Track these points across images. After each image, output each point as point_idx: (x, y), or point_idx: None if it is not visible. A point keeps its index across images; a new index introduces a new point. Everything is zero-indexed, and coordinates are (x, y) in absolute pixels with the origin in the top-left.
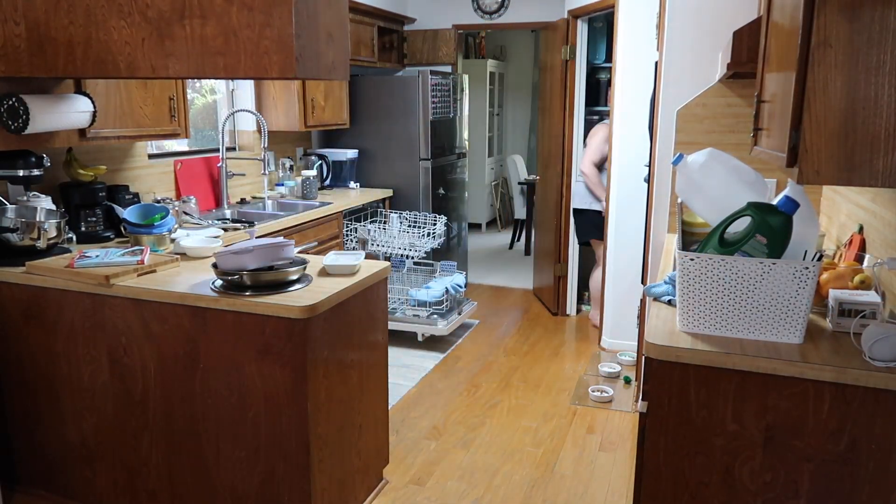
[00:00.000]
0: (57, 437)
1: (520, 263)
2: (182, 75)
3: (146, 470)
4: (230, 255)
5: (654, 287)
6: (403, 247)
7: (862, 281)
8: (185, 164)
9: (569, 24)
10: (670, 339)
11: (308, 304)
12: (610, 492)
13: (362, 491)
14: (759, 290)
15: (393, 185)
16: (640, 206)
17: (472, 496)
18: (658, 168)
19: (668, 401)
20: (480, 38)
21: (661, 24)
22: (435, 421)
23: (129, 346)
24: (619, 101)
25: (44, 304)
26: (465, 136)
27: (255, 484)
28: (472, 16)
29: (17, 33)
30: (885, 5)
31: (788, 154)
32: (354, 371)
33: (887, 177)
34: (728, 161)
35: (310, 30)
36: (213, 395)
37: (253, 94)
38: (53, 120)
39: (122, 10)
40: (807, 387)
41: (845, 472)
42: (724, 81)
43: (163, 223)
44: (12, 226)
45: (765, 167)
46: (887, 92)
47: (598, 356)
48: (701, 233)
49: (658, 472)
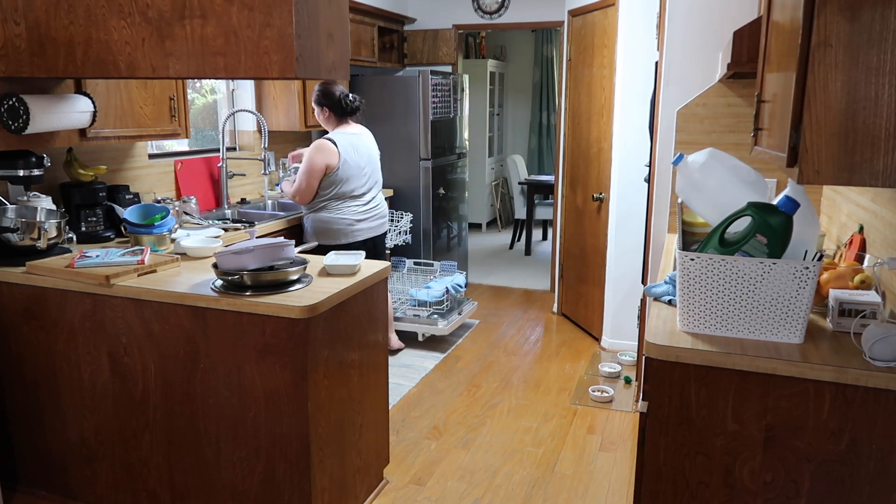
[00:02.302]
0: (57, 436)
1: (520, 263)
2: (182, 75)
3: (146, 470)
4: (230, 255)
5: (654, 287)
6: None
7: (862, 281)
8: (186, 164)
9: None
10: (671, 339)
11: (308, 304)
12: (610, 492)
13: (362, 491)
14: (760, 290)
15: (393, 185)
16: (640, 206)
17: (473, 496)
18: (658, 168)
19: (668, 401)
20: (481, 38)
21: (661, 24)
22: (435, 421)
23: (130, 346)
24: (619, 101)
25: (44, 304)
26: (465, 136)
27: (256, 484)
28: (473, 16)
29: (18, 33)
30: (885, 5)
31: (789, 154)
32: (355, 371)
33: (887, 177)
34: (728, 161)
35: (310, 30)
36: (214, 394)
37: (253, 94)
38: (54, 120)
39: (122, 10)
40: (807, 387)
41: (845, 472)
42: (724, 81)
43: (163, 223)
44: (13, 226)
45: (765, 167)
46: (887, 92)
47: (598, 356)
48: (701, 233)
49: (658, 472)
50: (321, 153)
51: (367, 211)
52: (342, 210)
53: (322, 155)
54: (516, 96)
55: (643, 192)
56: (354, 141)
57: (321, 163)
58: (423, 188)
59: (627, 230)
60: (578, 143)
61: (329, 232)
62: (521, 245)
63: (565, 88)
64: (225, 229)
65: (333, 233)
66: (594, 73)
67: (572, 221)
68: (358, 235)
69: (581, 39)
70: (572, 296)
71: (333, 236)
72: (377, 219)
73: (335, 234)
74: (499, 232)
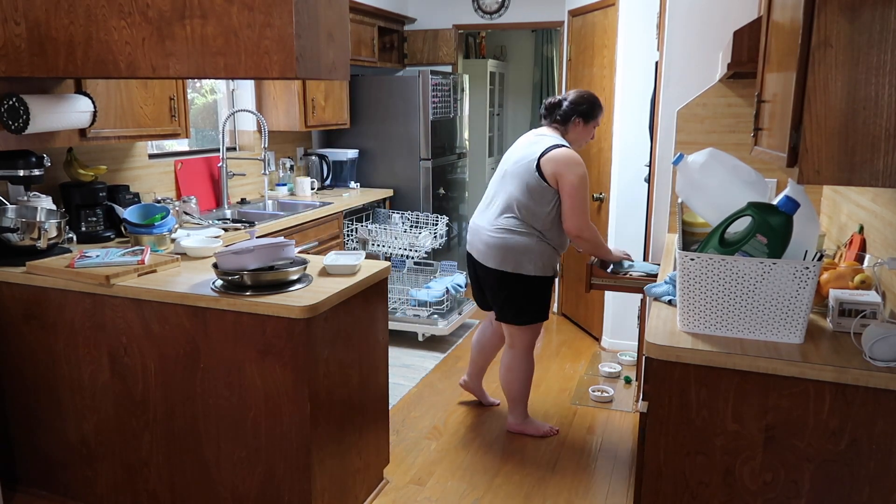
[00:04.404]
0: (57, 437)
1: None
2: (182, 75)
3: (146, 470)
4: (231, 255)
5: (654, 287)
6: (404, 247)
7: (862, 281)
8: (186, 164)
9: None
10: (671, 338)
11: (308, 304)
12: (610, 492)
13: (363, 491)
14: (760, 289)
15: (393, 185)
16: (640, 206)
17: (473, 496)
18: (658, 168)
19: (668, 401)
20: (481, 38)
21: (661, 24)
22: (435, 421)
23: (130, 346)
24: (619, 101)
25: (44, 304)
26: (465, 136)
27: (256, 484)
28: (473, 16)
29: (18, 33)
30: (885, 5)
31: (789, 154)
32: (355, 371)
33: (888, 177)
34: (728, 161)
35: (310, 30)
36: (214, 394)
37: (253, 94)
38: (54, 120)
39: (122, 9)
40: (807, 387)
41: (845, 472)
42: (724, 81)
43: (163, 223)
44: (13, 226)
45: (765, 167)
46: (888, 92)
47: (598, 356)
48: (701, 233)
49: (658, 472)
50: (581, 164)
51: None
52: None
53: (582, 166)
54: (516, 96)
55: (643, 192)
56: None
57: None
58: (424, 188)
59: (627, 230)
60: None
61: (554, 263)
62: None
63: (565, 88)
64: (225, 229)
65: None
66: (594, 73)
67: None
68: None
69: (581, 39)
70: (572, 296)
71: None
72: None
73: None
74: None
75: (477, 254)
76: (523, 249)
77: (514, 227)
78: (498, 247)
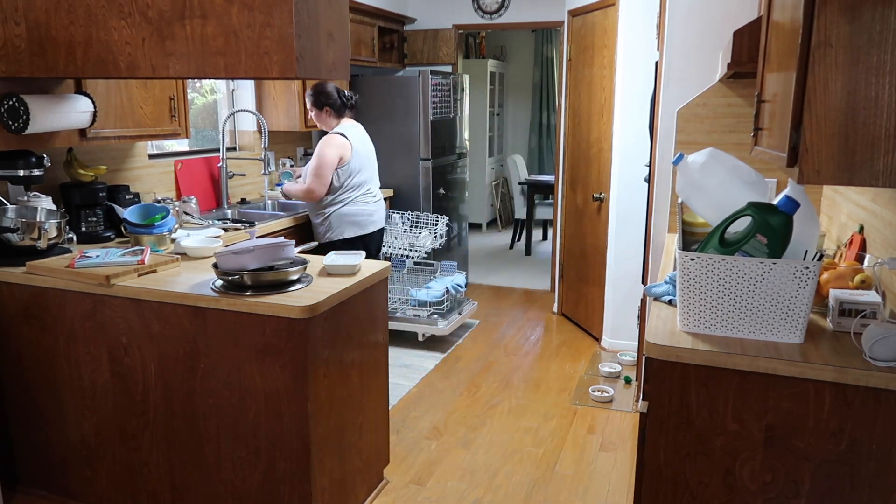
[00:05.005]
0: (57, 437)
1: (520, 263)
2: (182, 75)
3: (146, 470)
4: (231, 255)
5: (654, 287)
6: (404, 247)
7: (862, 281)
8: (186, 164)
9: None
10: (671, 338)
11: (308, 304)
12: (610, 492)
13: (363, 491)
14: (760, 289)
15: (393, 185)
16: (640, 206)
17: (473, 496)
18: (658, 168)
19: (668, 401)
20: (481, 38)
21: (661, 24)
22: (435, 421)
23: (130, 346)
24: (619, 101)
25: (44, 304)
26: (465, 136)
27: (256, 484)
28: (473, 16)
29: (18, 33)
30: (885, 5)
31: (789, 154)
32: (355, 371)
33: (888, 177)
34: (728, 161)
35: (310, 30)
36: (214, 394)
37: (253, 94)
38: (54, 120)
39: (122, 10)
40: (807, 387)
41: (846, 472)
42: (724, 81)
43: (163, 223)
44: (13, 226)
45: (765, 167)
46: (888, 92)
47: (598, 356)
48: (701, 233)
49: (658, 472)
50: (333, 147)
51: (378, 202)
52: (361, 201)
53: (334, 148)
54: (516, 96)
55: (643, 192)
56: (360, 133)
57: (334, 156)
58: (423, 188)
59: (627, 230)
60: (578, 143)
61: (357, 223)
62: (521, 245)
63: (565, 88)
64: (225, 229)
65: (360, 224)
66: (594, 73)
67: (572, 221)
68: (374, 225)
69: (581, 39)
70: (572, 296)
71: (362, 226)
72: (382, 210)
73: (363, 225)
74: (499, 232)
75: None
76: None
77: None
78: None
